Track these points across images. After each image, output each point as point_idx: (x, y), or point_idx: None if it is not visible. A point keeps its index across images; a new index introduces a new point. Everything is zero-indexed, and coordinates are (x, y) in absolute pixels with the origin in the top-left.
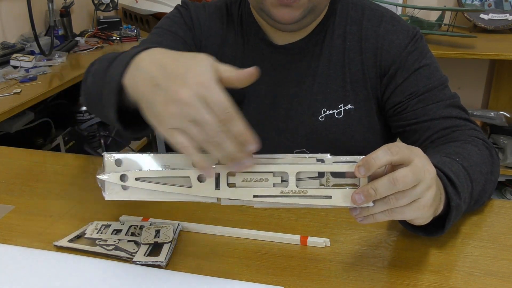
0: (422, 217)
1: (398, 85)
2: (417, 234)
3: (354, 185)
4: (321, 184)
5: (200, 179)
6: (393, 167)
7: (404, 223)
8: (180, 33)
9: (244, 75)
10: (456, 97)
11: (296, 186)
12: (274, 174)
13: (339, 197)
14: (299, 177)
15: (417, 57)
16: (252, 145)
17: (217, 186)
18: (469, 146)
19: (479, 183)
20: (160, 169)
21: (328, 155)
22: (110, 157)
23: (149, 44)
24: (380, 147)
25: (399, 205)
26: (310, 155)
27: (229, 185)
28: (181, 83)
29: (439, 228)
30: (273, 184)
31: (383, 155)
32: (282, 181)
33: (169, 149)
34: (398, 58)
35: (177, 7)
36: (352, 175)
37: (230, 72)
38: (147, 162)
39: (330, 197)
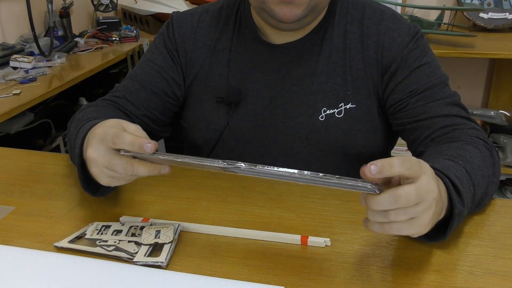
0: (418, 233)
1: (399, 83)
2: (418, 240)
3: None
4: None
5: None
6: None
7: None
8: (158, 61)
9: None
10: (457, 95)
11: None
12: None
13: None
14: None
15: (418, 55)
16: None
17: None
18: (471, 148)
19: (481, 187)
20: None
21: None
22: None
23: (132, 74)
24: (396, 157)
25: (397, 220)
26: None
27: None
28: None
29: (440, 233)
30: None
31: (398, 166)
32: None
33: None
34: (399, 56)
35: (164, 26)
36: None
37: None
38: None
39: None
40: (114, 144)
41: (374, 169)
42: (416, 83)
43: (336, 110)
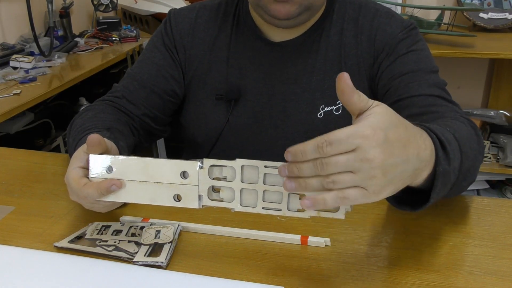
0: (376, 194)
1: (385, 69)
2: (404, 210)
3: None
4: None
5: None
6: None
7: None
8: (157, 60)
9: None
10: (443, 81)
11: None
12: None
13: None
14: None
15: (407, 44)
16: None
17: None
18: (457, 123)
19: (469, 157)
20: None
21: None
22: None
23: (131, 73)
24: (313, 140)
25: (334, 172)
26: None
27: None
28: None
29: (426, 200)
30: None
31: (311, 152)
32: None
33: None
34: (388, 44)
35: (162, 23)
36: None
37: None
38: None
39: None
40: (86, 201)
41: (289, 155)
42: (401, 67)
43: (334, 107)
